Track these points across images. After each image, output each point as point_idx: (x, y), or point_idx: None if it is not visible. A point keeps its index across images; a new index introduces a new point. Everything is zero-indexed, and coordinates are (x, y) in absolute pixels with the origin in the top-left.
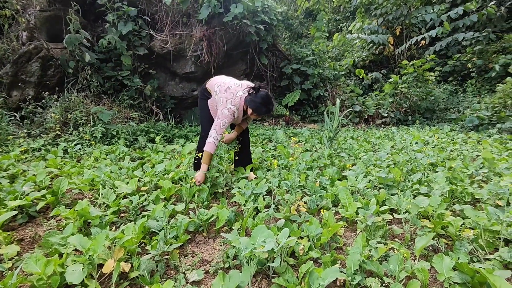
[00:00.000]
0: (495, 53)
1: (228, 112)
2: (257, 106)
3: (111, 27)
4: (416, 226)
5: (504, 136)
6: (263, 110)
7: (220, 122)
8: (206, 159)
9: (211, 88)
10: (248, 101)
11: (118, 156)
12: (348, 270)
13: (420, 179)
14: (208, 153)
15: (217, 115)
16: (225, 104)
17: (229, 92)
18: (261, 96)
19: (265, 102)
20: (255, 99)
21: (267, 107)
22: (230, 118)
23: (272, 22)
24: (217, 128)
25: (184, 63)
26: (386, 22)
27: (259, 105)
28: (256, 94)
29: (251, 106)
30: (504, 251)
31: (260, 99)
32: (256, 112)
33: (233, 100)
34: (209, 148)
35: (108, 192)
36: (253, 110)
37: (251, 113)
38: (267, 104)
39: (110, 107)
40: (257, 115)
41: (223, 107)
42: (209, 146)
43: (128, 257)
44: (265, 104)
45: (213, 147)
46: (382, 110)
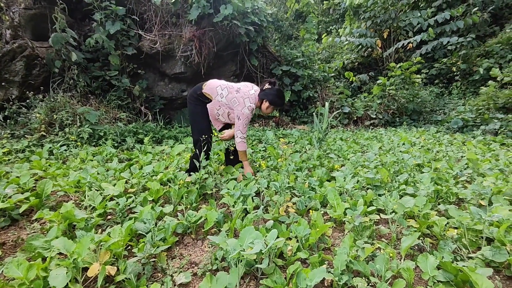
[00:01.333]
0: (478, 56)
1: (248, 111)
2: (275, 99)
3: (98, 26)
4: (402, 226)
5: (487, 137)
6: (279, 102)
7: (243, 121)
8: (244, 156)
9: (210, 92)
10: (264, 95)
11: (106, 158)
12: (336, 271)
13: (406, 180)
14: (244, 151)
15: (236, 115)
16: (243, 103)
17: (242, 92)
18: (277, 89)
19: (281, 95)
20: (272, 92)
21: (282, 100)
22: (250, 116)
23: (262, 24)
24: (241, 128)
25: (174, 64)
26: (374, 25)
27: (276, 98)
28: (272, 88)
29: (268, 98)
30: (486, 250)
31: (276, 91)
32: (272, 105)
33: (250, 99)
34: (242, 147)
35: (94, 194)
36: (270, 103)
37: (267, 106)
38: (282, 98)
39: (98, 108)
40: (273, 108)
41: (242, 107)
42: (241, 145)
43: (114, 260)
44: (281, 97)
45: (244, 145)
46: (371, 112)
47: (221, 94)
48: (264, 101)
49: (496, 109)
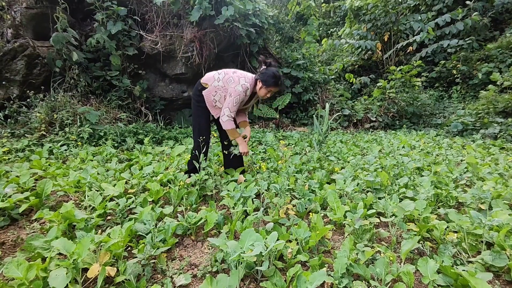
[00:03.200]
0: (479, 60)
1: (241, 89)
2: (267, 78)
3: (100, 26)
4: (402, 230)
5: (487, 141)
6: (271, 81)
7: (233, 99)
8: (234, 133)
9: (207, 81)
10: (259, 75)
11: (106, 158)
12: (336, 274)
13: (406, 183)
14: (232, 129)
15: (229, 93)
16: (237, 81)
17: (239, 73)
18: (271, 70)
19: (275, 75)
20: (266, 72)
21: (276, 79)
22: (242, 95)
23: (263, 26)
24: (230, 106)
25: (175, 64)
26: (374, 28)
27: (269, 78)
28: (267, 68)
29: (261, 78)
30: (486, 254)
31: (271, 72)
32: (265, 84)
33: (246, 78)
34: (229, 125)
35: (94, 195)
36: (262, 83)
37: (260, 87)
38: (276, 77)
39: (98, 108)
40: (266, 88)
41: (235, 84)
42: (227, 124)
43: (114, 261)
44: (275, 77)
45: (231, 123)
46: (371, 115)
47: (218, 78)
48: (258, 82)
49: (495, 113)
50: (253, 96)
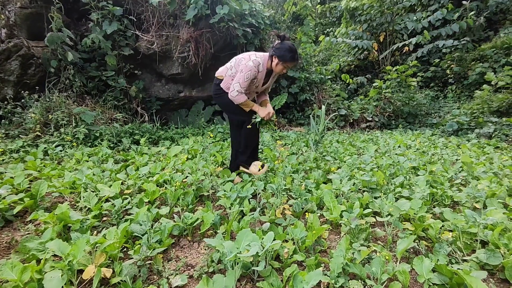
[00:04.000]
0: (473, 60)
1: (252, 64)
2: (283, 52)
3: (95, 26)
4: (398, 229)
5: (482, 141)
6: (288, 56)
7: (244, 74)
8: (248, 104)
9: (221, 72)
10: (273, 50)
11: (101, 158)
12: (332, 273)
13: (402, 182)
14: (244, 101)
15: (240, 70)
16: (248, 57)
17: (250, 52)
18: (287, 44)
19: (291, 49)
20: (282, 46)
21: (293, 53)
22: (254, 70)
23: (259, 26)
24: (240, 81)
25: (171, 65)
26: (370, 28)
27: (285, 52)
28: (281, 42)
29: (276, 53)
30: (481, 253)
31: (286, 45)
32: (282, 60)
33: (257, 53)
34: (240, 99)
35: (89, 196)
36: (278, 58)
37: (276, 63)
38: (292, 51)
39: (94, 108)
40: (283, 64)
41: (246, 61)
42: (237, 98)
43: (109, 263)
44: (291, 50)
45: (242, 96)
46: (367, 114)
47: (230, 66)
48: (274, 58)
49: (490, 113)
50: (270, 74)
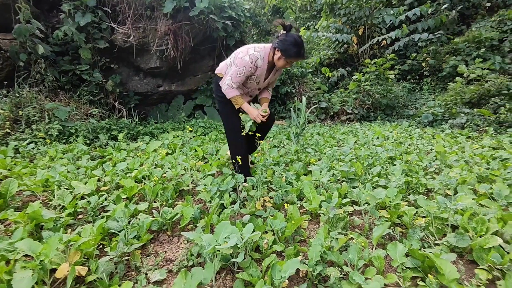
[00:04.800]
0: (447, 54)
1: (249, 59)
2: (287, 46)
3: (67, 18)
4: (374, 217)
5: (455, 131)
6: (293, 51)
7: (238, 69)
8: (238, 100)
9: (220, 69)
10: (276, 43)
11: (77, 155)
12: (310, 261)
13: (379, 172)
14: (236, 96)
15: (234, 63)
16: (246, 51)
17: (250, 45)
18: (292, 36)
19: (296, 43)
20: (286, 38)
21: (298, 48)
22: (250, 66)
23: (239, 18)
24: (233, 75)
25: (149, 58)
26: (349, 22)
27: (290, 45)
28: (286, 34)
29: (280, 46)
30: (451, 237)
31: (292, 38)
32: (285, 55)
33: (256, 47)
34: (230, 93)
35: (63, 193)
36: (281, 52)
37: (279, 57)
38: (298, 45)
39: (68, 103)
40: (286, 59)
41: (243, 55)
42: (229, 92)
43: (85, 260)
44: (297, 44)
45: (232, 91)
46: (347, 107)
47: (230, 62)
48: (276, 51)
49: (462, 104)
50: (273, 68)
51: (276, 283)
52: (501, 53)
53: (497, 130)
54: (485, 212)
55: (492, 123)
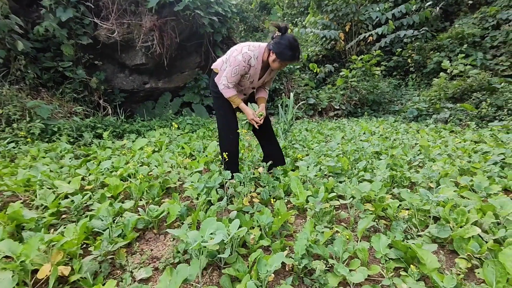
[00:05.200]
0: (431, 50)
1: (242, 58)
2: (282, 49)
3: (48, 13)
4: (359, 210)
5: (439, 125)
6: (287, 55)
7: (232, 69)
8: (235, 100)
9: (217, 65)
10: (271, 45)
11: (60, 154)
12: (296, 255)
13: (365, 167)
14: (233, 96)
15: (228, 62)
16: (240, 50)
17: (245, 43)
18: (287, 39)
19: (292, 46)
20: (281, 41)
21: (293, 51)
22: (243, 65)
23: (226, 14)
24: (228, 75)
25: (134, 54)
26: (336, 18)
27: (285, 49)
28: (282, 36)
29: (274, 49)
30: (433, 228)
31: (286, 41)
32: (280, 58)
33: (251, 46)
34: (228, 93)
35: (46, 193)
36: (276, 55)
37: (273, 59)
38: (293, 48)
39: (50, 101)
40: (280, 62)
41: (236, 53)
42: (225, 92)
43: (68, 260)
44: (292, 48)
45: (229, 91)
46: (335, 103)
47: (226, 59)
48: (271, 53)
49: (446, 99)
50: (268, 67)
51: (262, 277)
52: (483, 49)
53: (478, 124)
54: (465, 204)
55: (474, 118)
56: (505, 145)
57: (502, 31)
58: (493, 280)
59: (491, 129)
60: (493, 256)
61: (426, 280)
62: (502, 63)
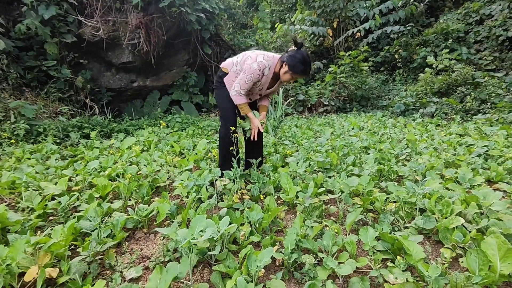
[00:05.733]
0: (418, 45)
1: (257, 67)
2: (296, 62)
3: (29, 11)
4: (348, 204)
5: (425, 119)
6: (300, 68)
7: (246, 76)
8: (245, 108)
9: (226, 66)
10: (286, 57)
11: (46, 155)
12: (286, 250)
13: (354, 161)
14: (242, 104)
15: (243, 70)
16: (255, 58)
17: (259, 51)
18: (302, 54)
19: (305, 61)
20: (296, 55)
21: (305, 66)
22: (257, 73)
23: (213, 11)
24: (241, 82)
25: (120, 52)
26: (324, 14)
27: (298, 62)
28: (297, 50)
29: (289, 61)
30: (419, 219)
31: (300, 55)
32: (292, 70)
33: (265, 56)
34: (238, 100)
35: (31, 195)
36: (289, 67)
37: (285, 71)
38: (306, 63)
39: (35, 101)
40: (292, 74)
41: (251, 61)
42: (236, 99)
43: (56, 262)
44: (305, 63)
45: (240, 97)
46: (324, 99)
47: (236, 62)
48: (284, 65)
49: (432, 94)
50: (278, 78)
51: (252, 273)
52: (467, 44)
53: (463, 117)
54: (450, 195)
55: (459, 111)
56: (488, 137)
57: (485, 26)
58: (476, 268)
59: (475, 122)
60: (476, 245)
61: (412, 270)
62: (486, 58)
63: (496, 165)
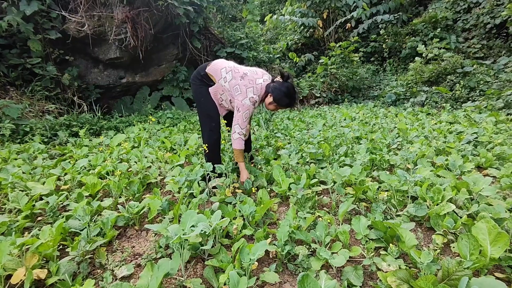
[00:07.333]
0: (407, 35)
1: (250, 103)
2: (281, 96)
3: (10, 7)
4: (341, 194)
5: (416, 108)
6: (285, 102)
7: (242, 114)
8: (240, 156)
9: (214, 74)
10: (272, 88)
11: (33, 155)
12: (279, 242)
13: (346, 152)
14: (240, 150)
15: (236, 107)
16: (245, 93)
17: (247, 80)
18: (287, 86)
19: (290, 94)
20: (281, 88)
21: (290, 99)
22: (251, 108)
23: (202, 4)
24: (240, 122)
25: (107, 48)
26: (314, 5)
27: (283, 96)
28: (283, 82)
29: (274, 93)
30: (411, 207)
31: (286, 88)
32: (276, 102)
33: (254, 89)
34: (238, 145)
35: (18, 195)
36: (274, 99)
37: (270, 102)
38: (291, 96)
39: (20, 100)
40: (276, 106)
41: (243, 97)
42: (237, 143)
43: (44, 263)
44: (290, 96)
45: (241, 142)
46: (315, 91)
47: (225, 78)
48: (269, 95)
49: (422, 83)
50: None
51: (245, 266)
52: (456, 32)
53: (453, 106)
54: (441, 182)
55: (449, 100)
56: (477, 124)
57: (473, 14)
58: (467, 253)
59: (465, 110)
60: (467, 230)
61: (405, 257)
62: (474, 46)
63: (486, 151)
